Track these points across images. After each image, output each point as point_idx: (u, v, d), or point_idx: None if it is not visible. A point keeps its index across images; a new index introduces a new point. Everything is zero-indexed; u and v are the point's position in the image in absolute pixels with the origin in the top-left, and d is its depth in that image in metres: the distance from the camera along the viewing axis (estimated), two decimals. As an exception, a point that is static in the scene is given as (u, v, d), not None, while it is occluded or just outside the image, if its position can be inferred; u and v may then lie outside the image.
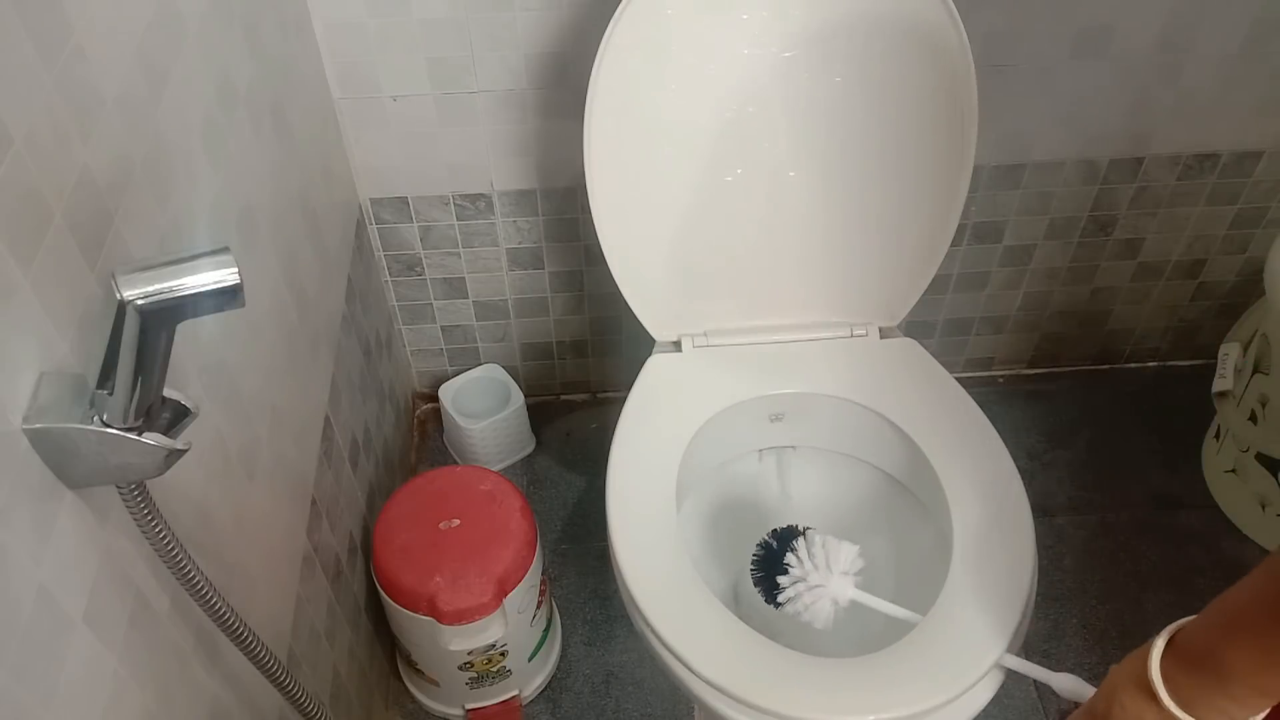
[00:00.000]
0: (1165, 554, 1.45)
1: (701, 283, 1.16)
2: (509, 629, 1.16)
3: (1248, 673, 0.56)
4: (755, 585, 0.98)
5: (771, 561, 0.97)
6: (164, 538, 0.58)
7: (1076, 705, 0.80)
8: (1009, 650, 0.89)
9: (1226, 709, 0.59)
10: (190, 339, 0.74)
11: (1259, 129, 1.34)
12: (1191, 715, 0.59)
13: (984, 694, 0.89)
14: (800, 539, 0.95)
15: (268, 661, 0.71)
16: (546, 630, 1.29)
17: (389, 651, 1.33)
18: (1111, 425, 1.61)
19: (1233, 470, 1.45)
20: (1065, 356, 1.67)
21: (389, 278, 1.45)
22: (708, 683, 0.89)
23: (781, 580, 0.94)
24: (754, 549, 1.00)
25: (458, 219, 1.38)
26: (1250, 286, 1.55)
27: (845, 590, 0.92)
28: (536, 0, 1.15)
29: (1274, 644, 0.55)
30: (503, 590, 1.12)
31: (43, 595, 0.52)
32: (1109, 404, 1.64)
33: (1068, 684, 0.81)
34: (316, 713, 0.80)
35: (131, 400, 0.52)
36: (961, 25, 1.00)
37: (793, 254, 1.14)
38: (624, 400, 1.13)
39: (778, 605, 0.95)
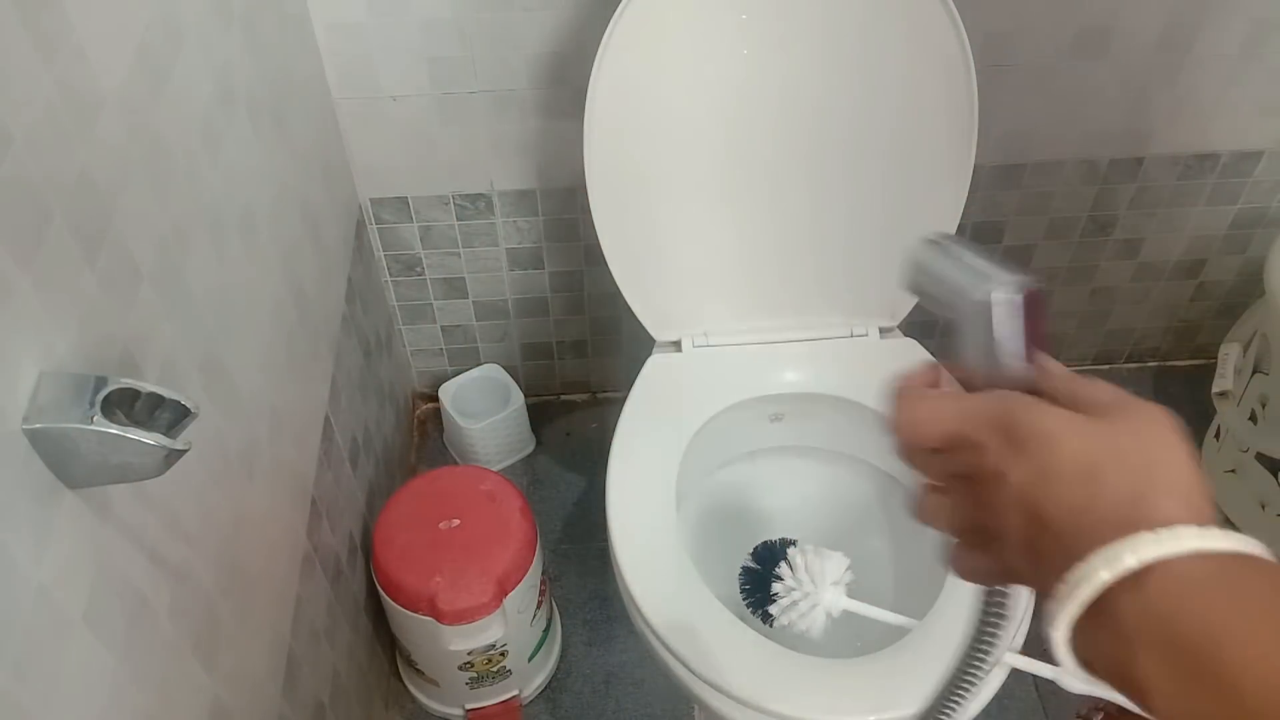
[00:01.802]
0: (1165, 554, 1.45)
1: (701, 283, 1.16)
2: (509, 629, 1.16)
3: None
4: (745, 605, 0.97)
5: (759, 579, 0.96)
6: None
7: (1090, 701, 0.79)
8: (1009, 650, 0.89)
9: None
10: (190, 338, 0.74)
11: (1259, 129, 1.34)
12: None
13: (984, 693, 0.89)
14: (787, 554, 0.95)
15: None
16: (546, 630, 1.29)
17: (389, 651, 1.33)
18: (1111, 425, 1.61)
19: (1233, 470, 1.45)
20: (1065, 356, 1.67)
21: (389, 278, 1.45)
22: (708, 683, 0.89)
23: (773, 600, 0.94)
24: (740, 569, 0.99)
25: (458, 219, 1.38)
26: (1250, 286, 1.55)
27: (838, 601, 0.92)
28: (536, 0, 1.15)
29: None
30: (503, 590, 1.12)
31: (43, 595, 0.52)
32: (1109, 404, 1.64)
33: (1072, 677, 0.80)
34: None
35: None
36: (961, 25, 1.00)
37: (793, 254, 1.14)
38: (624, 400, 1.13)
39: (770, 624, 0.95)
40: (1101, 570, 0.32)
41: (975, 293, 0.39)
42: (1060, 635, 0.34)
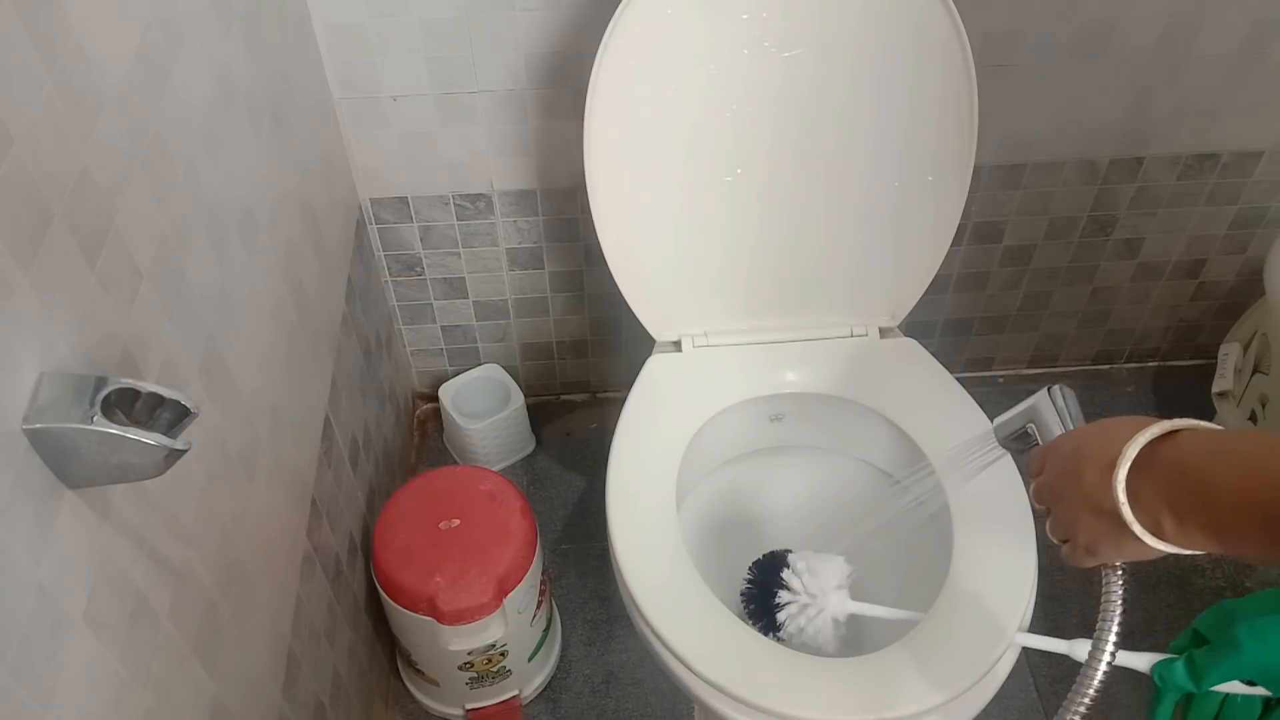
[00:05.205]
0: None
1: (701, 282, 1.16)
2: (509, 629, 1.16)
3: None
4: (750, 622, 0.97)
5: (761, 595, 0.96)
6: None
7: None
8: (1008, 651, 0.89)
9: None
10: (190, 338, 0.74)
11: (1259, 129, 1.34)
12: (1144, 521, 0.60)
13: (984, 694, 0.89)
14: (789, 561, 0.95)
15: None
16: (546, 630, 1.29)
17: (389, 651, 1.33)
18: (1111, 425, 1.61)
19: (1233, 470, 1.45)
20: (1065, 356, 1.67)
21: (389, 278, 1.45)
22: (708, 682, 0.89)
23: (779, 612, 0.93)
24: (741, 584, 1.00)
25: (458, 219, 1.38)
26: (1250, 286, 1.55)
27: (843, 605, 0.92)
28: (536, 0, 1.15)
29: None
30: (503, 590, 1.12)
31: (43, 595, 0.52)
32: (1109, 404, 1.64)
33: (1085, 649, 0.79)
34: None
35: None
36: (961, 25, 1.00)
37: (793, 254, 1.14)
38: (624, 400, 1.13)
39: (779, 638, 0.95)
40: (1129, 446, 0.58)
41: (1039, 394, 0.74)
42: (1120, 482, 0.59)
